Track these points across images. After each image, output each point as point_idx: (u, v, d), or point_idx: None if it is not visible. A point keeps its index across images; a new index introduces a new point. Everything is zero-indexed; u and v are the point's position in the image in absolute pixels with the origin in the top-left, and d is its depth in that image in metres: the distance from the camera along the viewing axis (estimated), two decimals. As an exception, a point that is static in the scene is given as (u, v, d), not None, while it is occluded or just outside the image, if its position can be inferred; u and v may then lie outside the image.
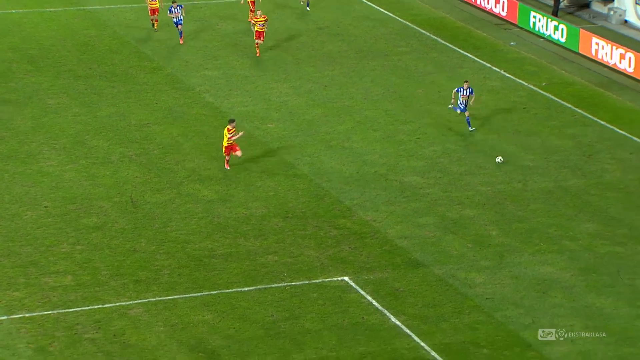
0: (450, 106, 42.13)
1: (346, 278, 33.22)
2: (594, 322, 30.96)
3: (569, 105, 45.92)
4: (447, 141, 42.41)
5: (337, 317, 31.15)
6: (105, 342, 29.72)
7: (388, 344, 29.99)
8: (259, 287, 32.60)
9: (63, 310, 31.05)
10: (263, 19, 48.81)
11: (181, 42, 50.95)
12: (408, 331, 30.56)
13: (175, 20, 50.88)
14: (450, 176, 39.70)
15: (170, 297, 31.95)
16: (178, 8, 50.65)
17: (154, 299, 31.80)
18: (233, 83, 47.54)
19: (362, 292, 32.39)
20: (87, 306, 31.32)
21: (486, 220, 36.78)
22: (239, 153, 38.99)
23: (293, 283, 32.72)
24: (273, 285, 32.68)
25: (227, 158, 39.14)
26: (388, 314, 31.39)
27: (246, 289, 32.46)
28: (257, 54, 49.29)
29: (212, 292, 32.23)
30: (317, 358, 29.30)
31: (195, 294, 32.16)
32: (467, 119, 42.01)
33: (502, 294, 32.26)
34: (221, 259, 34.12)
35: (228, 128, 38.93)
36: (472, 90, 42.08)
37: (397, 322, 30.99)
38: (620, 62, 49.66)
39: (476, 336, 30.38)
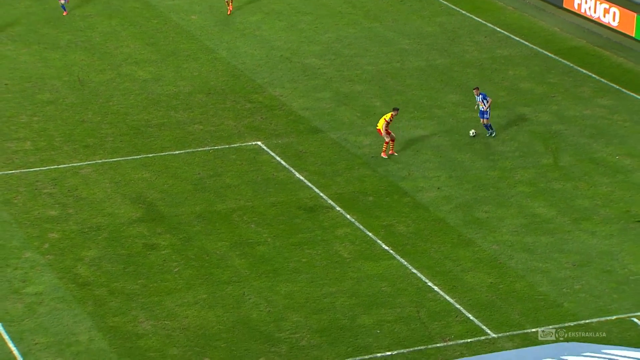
0: (472, 134, 33.27)
1: (259, 142, 33.16)
2: (456, 172, 31.57)
3: None
4: (340, 29, 42.05)
5: (252, 174, 31.19)
6: (61, 196, 29.34)
7: (294, 194, 30.22)
8: (187, 150, 32.36)
9: (24, 170, 30.48)
10: None
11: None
12: (309, 184, 30.78)
13: None
14: (342, 58, 39.52)
15: (114, 159, 31.55)
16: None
17: (100, 161, 31.37)
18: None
19: (272, 154, 32.40)
20: (45, 167, 30.79)
21: (371, 94, 36.86)
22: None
23: (215, 147, 32.55)
24: (199, 149, 32.47)
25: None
26: (293, 170, 31.53)
27: (177, 152, 32.19)
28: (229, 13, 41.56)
29: (149, 155, 31.90)
30: (236, 207, 29.41)
31: (135, 157, 31.80)
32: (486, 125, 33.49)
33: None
34: (156, 128, 33.68)
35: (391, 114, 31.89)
36: (484, 95, 33.16)
37: (301, 177, 31.17)
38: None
39: (364, 187, 30.76)
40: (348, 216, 29.18)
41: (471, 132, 32.95)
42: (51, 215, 28.30)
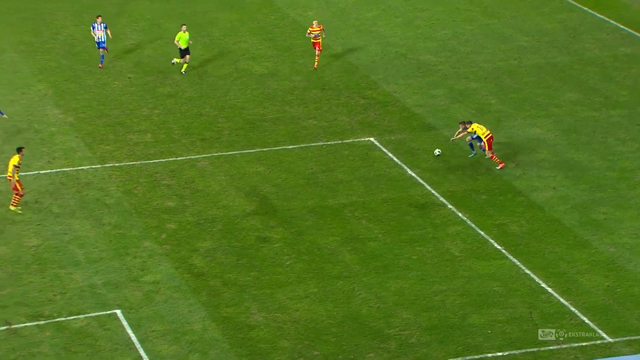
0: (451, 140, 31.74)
1: (372, 139, 33.16)
2: (573, 172, 30.86)
3: (559, -3, 44.84)
4: (457, 26, 41.64)
5: (365, 170, 31.22)
6: (178, 188, 30.03)
7: (405, 191, 30.11)
8: (301, 145, 32.63)
9: (145, 162, 31.31)
10: (319, 29, 36.76)
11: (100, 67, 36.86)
12: (421, 181, 30.62)
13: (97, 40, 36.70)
14: (458, 55, 39.13)
15: (230, 153, 32.09)
16: (103, 25, 36.43)
17: (217, 154, 31.96)
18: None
19: (385, 150, 32.36)
20: (164, 159, 31.56)
21: (487, 91, 36.37)
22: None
23: (328, 142, 32.72)
24: (312, 144, 32.69)
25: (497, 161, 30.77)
26: (405, 167, 31.41)
27: (291, 147, 32.50)
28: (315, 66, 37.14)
29: (263, 149, 32.32)
30: (348, 202, 29.50)
31: (250, 150, 32.27)
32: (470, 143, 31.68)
33: (499, 151, 32.10)
34: (271, 122, 34.09)
35: None
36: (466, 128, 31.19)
37: (413, 174, 31.03)
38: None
39: (476, 185, 30.39)
40: (460, 214, 28.90)
41: (436, 152, 31.46)
42: (169, 206, 29.00)
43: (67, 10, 42.08)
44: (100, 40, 36.25)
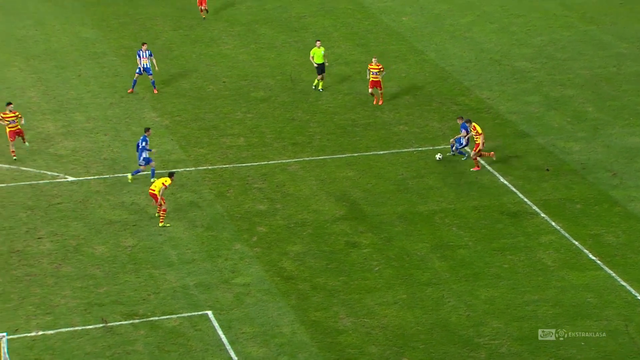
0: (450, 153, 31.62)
1: (464, 145, 32.89)
2: (672, 186, 30.07)
3: (660, 2, 43.67)
4: (554, 32, 40.98)
5: (456, 177, 30.98)
6: (269, 191, 30.32)
7: (497, 199, 29.76)
8: (391, 151, 32.58)
9: (237, 165, 31.73)
10: (377, 67, 34.41)
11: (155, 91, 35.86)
12: (514, 189, 30.21)
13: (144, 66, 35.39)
14: (554, 61, 38.50)
15: (321, 157, 32.25)
16: (147, 53, 35.32)
17: (308, 158, 32.16)
18: (374, -18, 46.74)
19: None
20: (256, 162, 31.91)
21: (584, 99, 35.68)
22: None
23: (420, 148, 32.58)
24: (403, 150, 32.61)
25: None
26: (497, 175, 31.05)
27: (381, 152, 32.48)
28: (376, 102, 34.94)
29: (354, 154, 32.38)
30: (438, 209, 29.31)
31: (341, 155, 32.36)
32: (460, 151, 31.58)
33: (595, 160, 31.48)
34: (362, 127, 34.13)
35: None
36: (465, 126, 31.11)
37: (505, 182, 30.64)
38: None
39: (571, 194, 29.84)
40: (553, 223, 28.41)
41: (437, 156, 30.65)
42: (260, 210, 29.30)
43: (166, 15, 42.96)
44: (145, 67, 34.98)
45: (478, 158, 30.93)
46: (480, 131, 30.78)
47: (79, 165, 31.13)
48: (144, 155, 29.70)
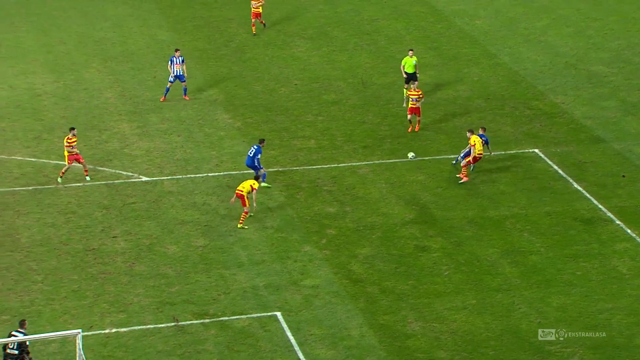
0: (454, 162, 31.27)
1: (536, 150, 32.49)
2: None
3: None
4: (632, 36, 40.23)
5: (528, 182, 30.63)
6: (339, 194, 30.38)
7: (570, 205, 29.33)
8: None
9: (307, 167, 31.86)
10: (417, 94, 33.20)
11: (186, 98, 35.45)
12: (588, 195, 29.74)
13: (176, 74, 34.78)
14: (632, 66, 37.79)
15: (391, 160, 32.19)
16: (180, 59, 34.72)
17: (377, 162, 32.14)
18: (448, -15, 46.49)
19: (550, 162, 31.64)
20: (326, 165, 32.01)
21: (661, 104, 34.99)
22: None
23: (492, 153, 32.28)
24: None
25: None
26: (571, 180, 30.61)
27: (452, 156, 32.27)
28: (411, 129, 33.48)
29: (424, 158, 32.24)
30: (509, 214, 29.01)
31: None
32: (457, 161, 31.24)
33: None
34: (432, 131, 33.96)
35: None
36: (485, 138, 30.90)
37: (579, 188, 30.19)
38: None
39: (647, 202, 29.29)
40: (629, 231, 27.88)
41: (410, 155, 29.64)
42: (329, 212, 29.38)
43: (240, 18, 43.39)
44: (178, 73, 34.59)
45: (465, 167, 30.26)
46: (472, 143, 30.02)
47: (152, 165, 31.63)
48: (256, 161, 29.58)
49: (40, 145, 32.54)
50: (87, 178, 30.32)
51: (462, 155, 30.86)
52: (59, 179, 30.17)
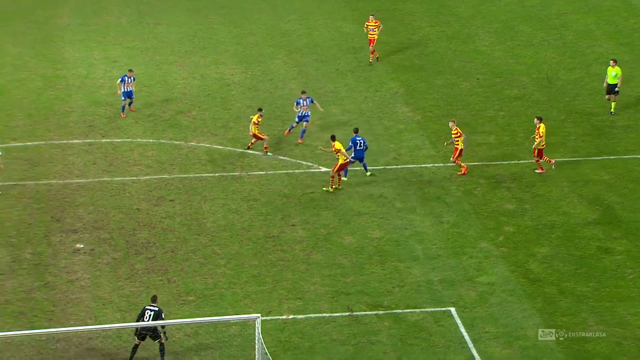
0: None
1: None
2: None
3: None
4: None
5: None
6: (518, 191, 29.77)
7: None
8: (653, 154, 31.01)
9: (486, 163, 31.40)
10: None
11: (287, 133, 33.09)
12: None
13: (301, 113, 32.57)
14: None
15: (575, 159, 31.23)
16: (308, 100, 32.65)
17: (560, 159, 31.25)
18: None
19: None
20: (506, 161, 31.44)
21: None
22: None
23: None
24: (666, 154, 30.93)
25: None
26: None
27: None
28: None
29: (610, 157, 31.10)
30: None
31: (596, 158, 31.19)
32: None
33: None
34: (621, 129, 32.69)
35: None
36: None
37: None
38: None
39: None
40: None
41: (78, 246, 26.40)
42: (508, 209, 28.84)
43: (424, 11, 43.25)
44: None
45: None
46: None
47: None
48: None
49: (227, 133, 33.64)
50: (269, 154, 31.60)
51: None
52: (268, 153, 31.62)
